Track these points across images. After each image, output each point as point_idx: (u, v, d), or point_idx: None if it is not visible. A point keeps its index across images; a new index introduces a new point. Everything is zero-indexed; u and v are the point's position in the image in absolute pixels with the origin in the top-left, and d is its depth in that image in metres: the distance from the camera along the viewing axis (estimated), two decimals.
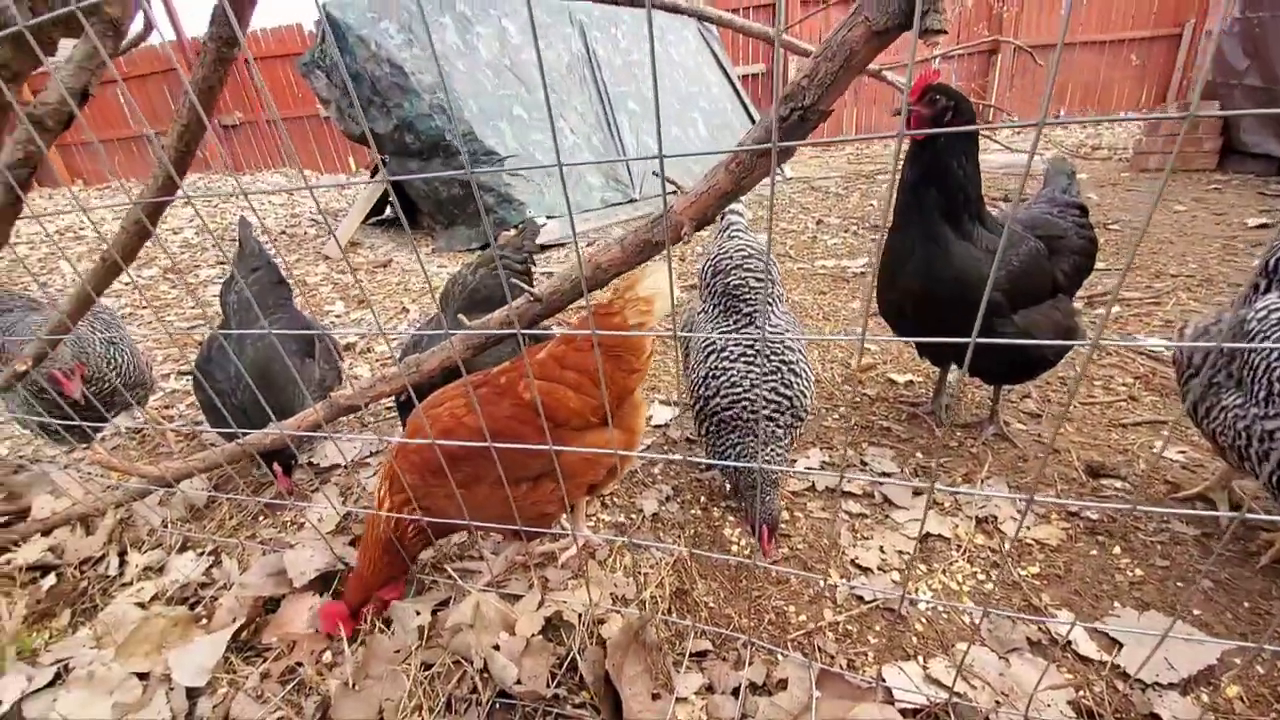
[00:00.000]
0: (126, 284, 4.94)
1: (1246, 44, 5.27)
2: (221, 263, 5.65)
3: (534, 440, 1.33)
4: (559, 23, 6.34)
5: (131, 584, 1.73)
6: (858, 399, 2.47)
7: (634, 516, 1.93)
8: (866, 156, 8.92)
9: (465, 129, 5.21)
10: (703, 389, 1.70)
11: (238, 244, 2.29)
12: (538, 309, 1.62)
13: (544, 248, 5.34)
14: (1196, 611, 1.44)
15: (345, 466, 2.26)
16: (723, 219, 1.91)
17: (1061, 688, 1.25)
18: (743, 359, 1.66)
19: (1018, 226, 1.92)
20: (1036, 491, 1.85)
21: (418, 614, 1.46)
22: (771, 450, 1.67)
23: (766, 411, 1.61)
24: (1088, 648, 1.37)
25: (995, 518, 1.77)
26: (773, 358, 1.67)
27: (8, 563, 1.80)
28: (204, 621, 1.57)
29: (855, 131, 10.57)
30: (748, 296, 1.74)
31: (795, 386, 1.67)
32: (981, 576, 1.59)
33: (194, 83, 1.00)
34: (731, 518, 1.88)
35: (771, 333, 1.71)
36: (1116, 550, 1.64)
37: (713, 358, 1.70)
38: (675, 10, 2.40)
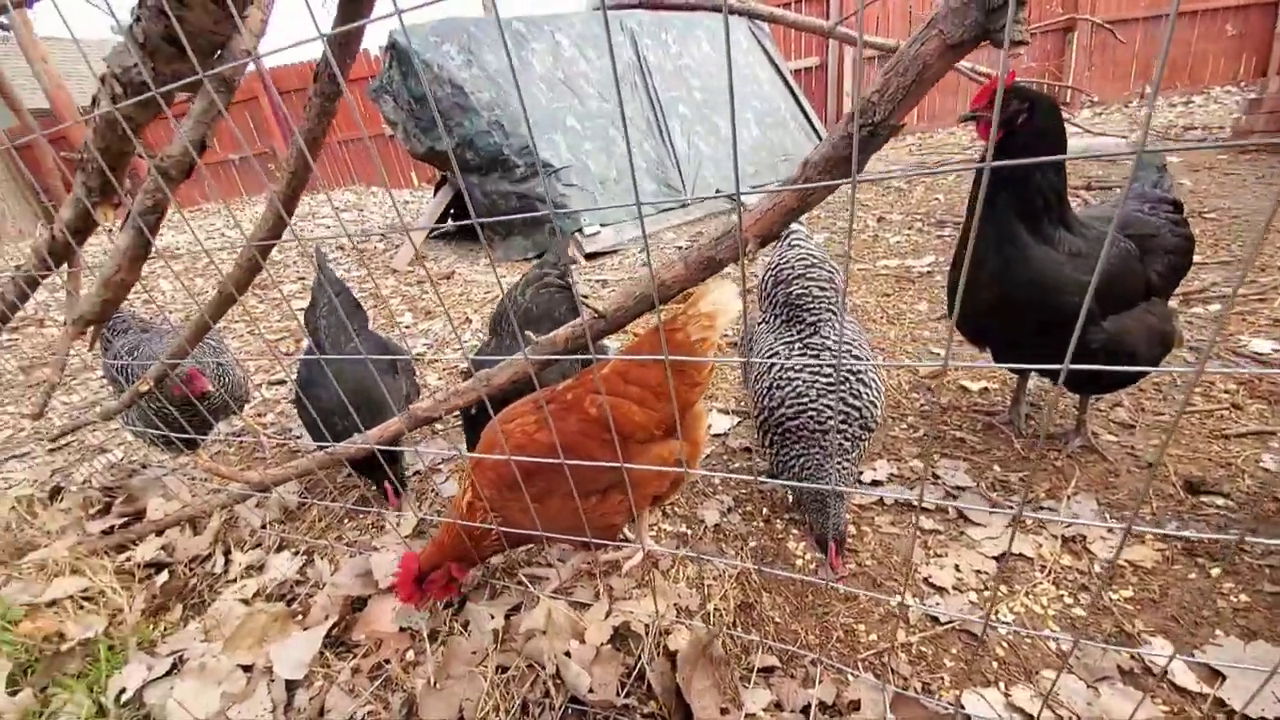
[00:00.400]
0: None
1: None
2: (301, 279, 6.06)
3: (601, 453, 1.37)
4: (612, 32, 6.43)
5: (235, 581, 1.90)
6: (927, 407, 2.39)
7: (694, 527, 1.94)
8: (929, 146, 8.55)
9: (522, 143, 5.38)
10: (767, 400, 1.67)
11: (317, 269, 2.46)
12: (602, 325, 1.67)
13: (595, 255, 5.43)
14: None
15: (420, 473, 2.38)
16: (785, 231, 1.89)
17: None
18: (809, 370, 1.63)
19: (1109, 229, 1.80)
20: (1132, 511, 1.74)
21: (492, 617, 1.53)
22: (840, 463, 1.62)
23: (834, 422, 1.59)
24: (1186, 679, 1.28)
25: (1083, 536, 1.67)
26: (841, 370, 1.62)
27: (128, 560, 2.01)
28: (299, 618, 1.70)
29: (917, 119, 10.15)
30: (811, 306, 1.72)
31: (865, 397, 1.61)
32: (1069, 600, 1.51)
33: (301, 132, 1.10)
34: (795, 530, 1.86)
35: (838, 343, 1.64)
36: (1218, 573, 1.51)
37: (776, 368, 1.67)
38: (741, 13, 2.39)
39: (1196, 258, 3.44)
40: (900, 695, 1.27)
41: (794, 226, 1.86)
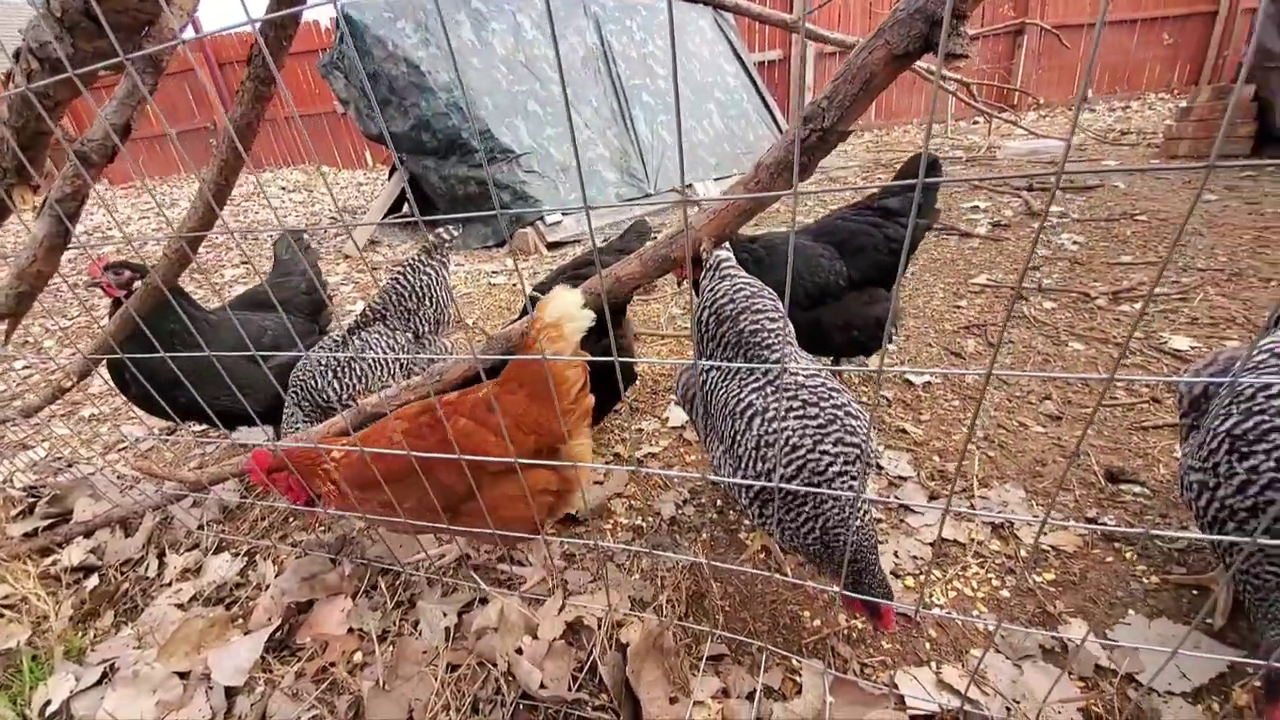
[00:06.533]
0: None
1: None
2: (245, 263, 5.78)
3: (450, 475, 1.34)
4: (574, 15, 6.32)
5: (170, 585, 1.82)
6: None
7: (651, 519, 1.97)
8: (885, 145, 8.77)
9: (481, 127, 5.24)
10: (756, 463, 1.39)
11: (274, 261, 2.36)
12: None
13: (557, 244, 5.37)
14: (1210, 620, 1.44)
15: None
16: (709, 258, 1.66)
17: (1073, 700, 1.27)
18: (793, 415, 1.38)
19: (807, 240, 2.29)
20: (1046, 498, 1.85)
21: (444, 615, 1.52)
22: (861, 517, 1.31)
23: (837, 468, 1.31)
24: (1100, 655, 1.38)
25: (1011, 523, 1.78)
26: (824, 405, 1.38)
27: (54, 564, 1.90)
28: (240, 622, 1.64)
29: (876, 116, 10.38)
30: (770, 341, 1.51)
31: (859, 432, 1.37)
32: (997, 583, 1.60)
33: (232, 120, 1.04)
34: (747, 521, 1.91)
35: (803, 372, 1.43)
36: (1132, 556, 1.63)
37: (758, 422, 1.41)
38: (706, 1, 2.39)
39: (1125, 257, 3.67)
40: (839, 678, 1.33)
41: (721, 255, 1.66)
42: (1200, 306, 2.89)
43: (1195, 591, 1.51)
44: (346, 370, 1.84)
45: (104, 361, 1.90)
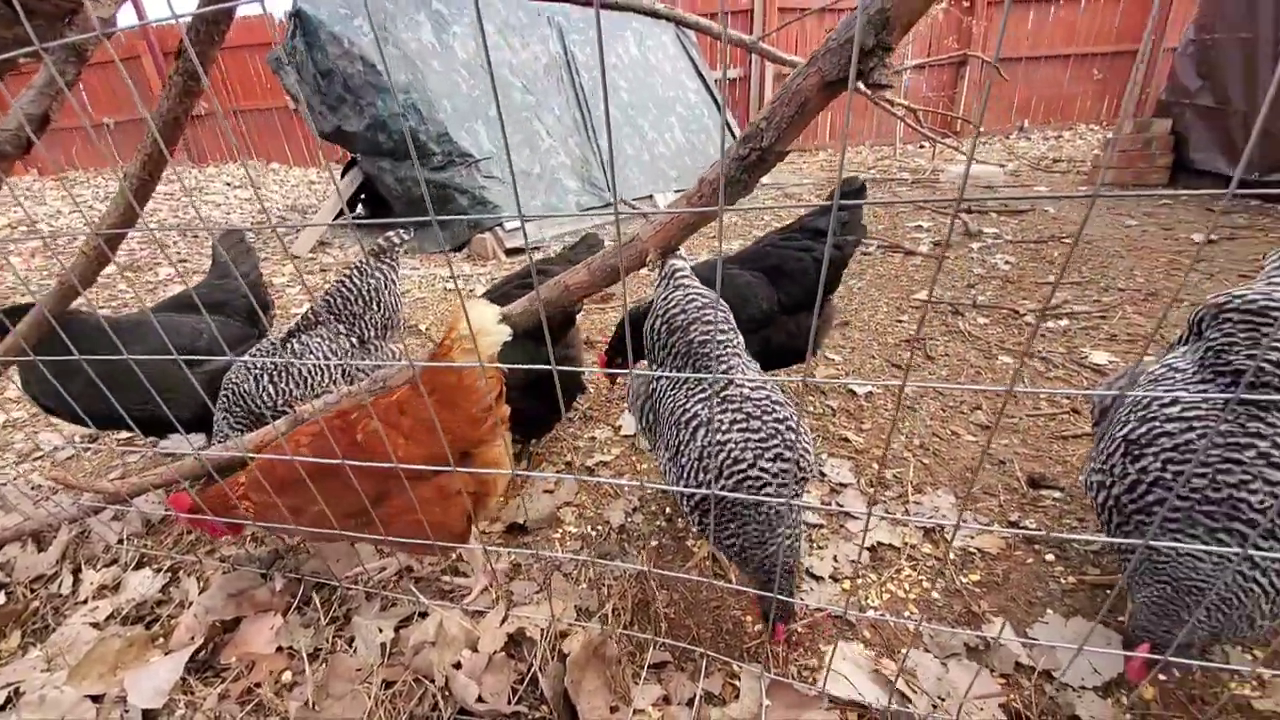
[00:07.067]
0: None
1: (1200, 65, 5.53)
2: (183, 261, 5.50)
3: (355, 480, 1.32)
4: (537, 24, 6.32)
5: (86, 602, 1.71)
6: (820, 411, 2.55)
7: (600, 528, 1.97)
8: (838, 165, 9.08)
9: (440, 130, 5.17)
10: (698, 473, 1.42)
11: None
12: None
13: (516, 250, 5.34)
14: (1122, 618, 1.54)
15: None
16: (664, 266, 1.68)
17: (993, 696, 1.34)
18: (737, 428, 1.40)
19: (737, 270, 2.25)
20: (974, 504, 1.95)
21: (380, 631, 1.47)
22: (788, 532, 1.37)
23: (776, 483, 1.35)
24: (1020, 653, 1.46)
25: (942, 527, 1.86)
26: (766, 419, 1.41)
27: None
28: (161, 641, 1.56)
29: (829, 137, 10.76)
30: (718, 352, 1.54)
31: (798, 447, 1.42)
32: (927, 584, 1.68)
33: (158, 114, 1.00)
34: (695, 529, 1.93)
35: (748, 384, 1.46)
36: (1051, 558, 1.74)
37: (703, 433, 1.43)
38: (629, 9, 2.42)
39: (1051, 277, 3.90)
40: (776, 681, 1.36)
41: (676, 264, 1.68)
42: (1119, 324, 3.11)
43: (1109, 591, 1.62)
44: (283, 375, 1.77)
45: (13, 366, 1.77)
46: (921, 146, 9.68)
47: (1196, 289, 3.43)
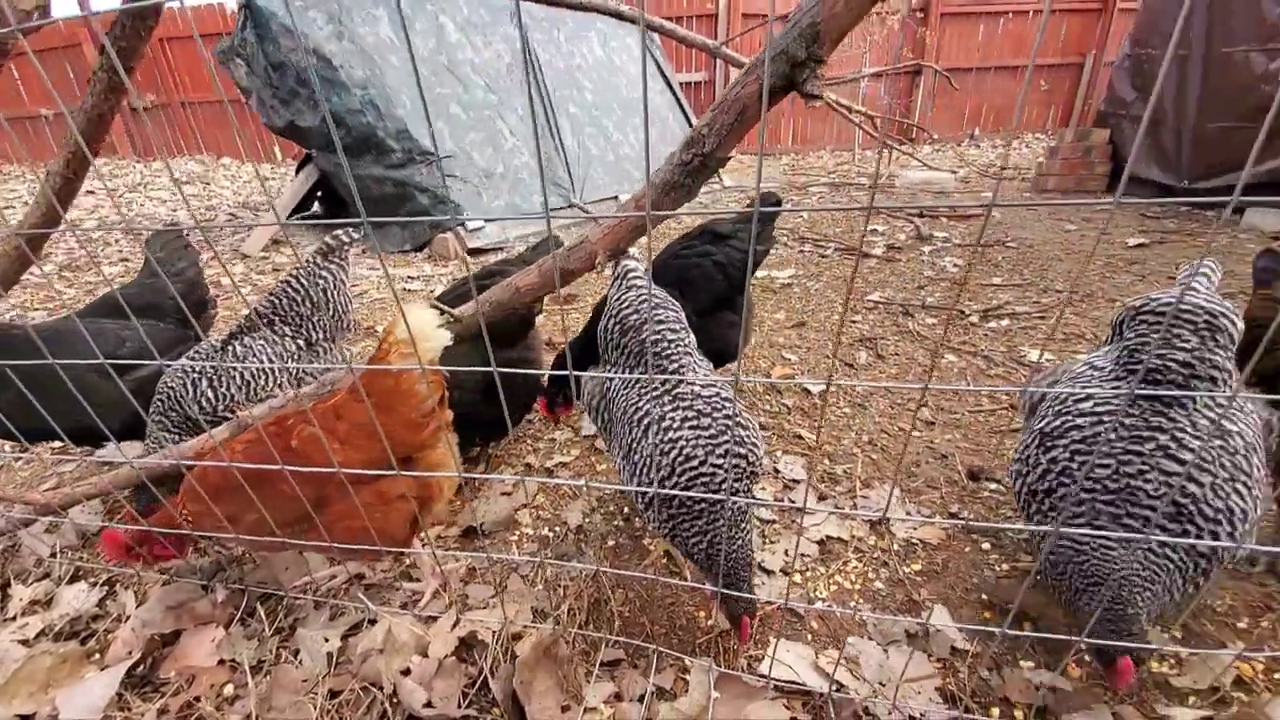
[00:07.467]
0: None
1: (1135, 78, 5.86)
2: (125, 260, 5.26)
3: (290, 487, 1.31)
4: (500, 22, 6.27)
5: (15, 619, 1.63)
6: (776, 410, 2.62)
7: (558, 529, 1.98)
8: (800, 169, 9.29)
9: (399, 126, 5.07)
10: (651, 470, 1.44)
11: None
12: (457, 329, 1.65)
13: (478, 251, 5.28)
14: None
15: None
16: (618, 266, 1.72)
17: (929, 678, 1.40)
18: (688, 425, 1.44)
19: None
20: (917, 496, 2.04)
21: (326, 640, 1.45)
22: (743, 531, 1.42)
23: (729, 481, 1.37)
24: (956, 638, 1.53)
25: (888, 519, 1.93)
26: (716, 415, 1.45)
27: None
28: (97, 657, 1.49)
29: (793, 142, 10.98)
30: (670, 352, 1.58)
31: (747, 442, 1.47)
32: (872, 575, 1.74)
33: (81, 111, 0.97)
34: (651, 527, 1.96)
35: (699, 383, 1.49)
36: (987, 547, 1.83)
37: (654, 431, 1.46)
38: (586, 9, 2.43)
39: (995, 279, 4.08)
40: (725, 674, 1.39)
41: (630, 265, 1.71)
42: (1056, 324, 3.28)
43: (1039, 577, 1.71)
44: (223, 379, 1.72)
45: None
46: (879, 154, 9.97)
47: (1129, 290, 3.64)
